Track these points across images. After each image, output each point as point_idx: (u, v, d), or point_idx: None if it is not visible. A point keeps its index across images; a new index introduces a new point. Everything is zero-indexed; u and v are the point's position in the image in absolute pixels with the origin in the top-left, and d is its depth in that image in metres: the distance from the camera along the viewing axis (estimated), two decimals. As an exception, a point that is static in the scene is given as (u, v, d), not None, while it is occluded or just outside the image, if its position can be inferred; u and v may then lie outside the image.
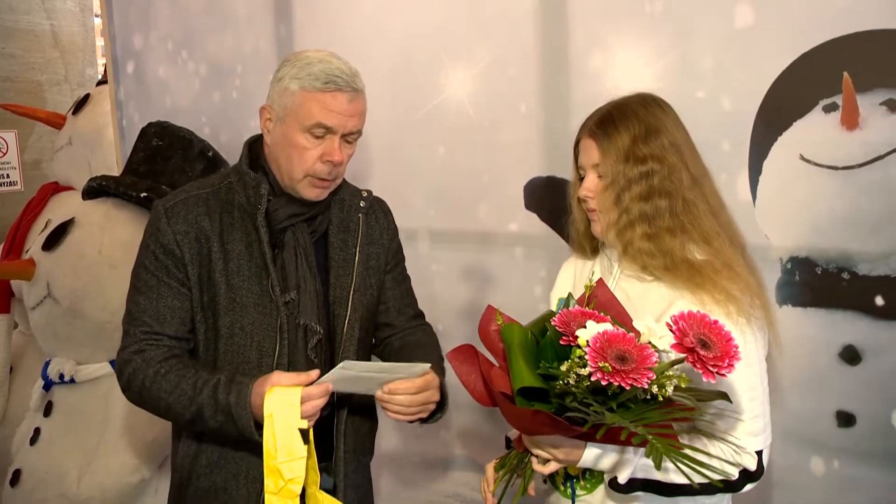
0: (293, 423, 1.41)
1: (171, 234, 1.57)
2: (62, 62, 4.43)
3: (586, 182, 1.47)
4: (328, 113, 1.53)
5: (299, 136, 1.54)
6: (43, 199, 3.32)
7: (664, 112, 1.45)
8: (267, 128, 1.61)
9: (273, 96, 1.58)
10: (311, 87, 1.52)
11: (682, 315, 1.16)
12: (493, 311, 1.41)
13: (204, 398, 1.49)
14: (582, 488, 1.46)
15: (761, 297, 1.40)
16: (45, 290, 2.81)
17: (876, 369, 1.69)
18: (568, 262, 1.69)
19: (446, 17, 2.22)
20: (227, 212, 1.61)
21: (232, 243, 1.59)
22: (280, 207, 1.60)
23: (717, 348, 1.13)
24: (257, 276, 1.58)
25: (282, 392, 1.43)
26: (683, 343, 1.13)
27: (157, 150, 2.82)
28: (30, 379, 3.11)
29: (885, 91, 1.63)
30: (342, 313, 1.65)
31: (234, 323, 1.57)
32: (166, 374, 1.53)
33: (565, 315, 1.25)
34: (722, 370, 1.12)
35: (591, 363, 1.14)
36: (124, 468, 2.72)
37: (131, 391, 1.60)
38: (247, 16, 2.62)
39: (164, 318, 1.58)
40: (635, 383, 1.11)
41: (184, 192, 1.64)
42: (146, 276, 1.59)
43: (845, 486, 1.76)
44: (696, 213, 1.40)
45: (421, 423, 1.63)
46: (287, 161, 1.57)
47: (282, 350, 1.57)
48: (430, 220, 2.33)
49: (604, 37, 1.97)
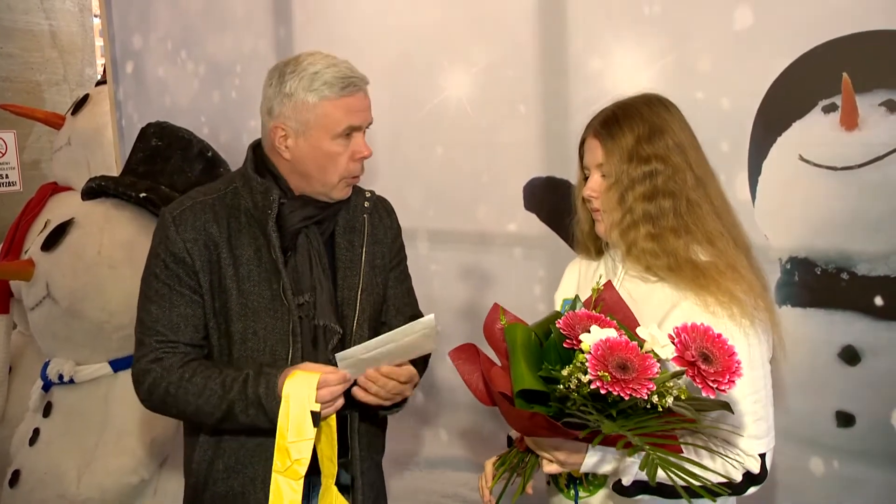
0: (306, 405, 1.46)
1: (180, 242, 1.58)
2: (61, 62, 4.43)
3: (590, 182, 1.47)
4: (354, 114, 1.56)
5: (330, 144, 1.56)
6: (42, 200, 3.32)
7: (669, 112, 1.45)
8: (285, 145, 1.59)
9: (285, 112, 1.56)
10: (331, 95, 1.54)
11: (685, 327, 1.15)
12: (499, 310, 1.41)
13: (234, 395, 1.52)
14: (585, 490, 1.46)
15: (765, 299, 1.40)
16: (44, 290, 2.81)
17: (875, 369, 1.69)
18: (573, 262, 1.68)
19: (445, 18, 2.22)
20: (235, 217, 1.61)
21: (240, 248, 1.59)
22: (294, 210, 1.61)
23: (718, 363, 1.12)
24: (267, 281, 1.59)
25: (301, 376, 1.49)
26: (684, 356, 1.13)
27: (156, 150, 2.82)
28: (29, 379, 3.11)
29: (885, 92, 1.63)
30: (351, 314, 1.66)
31: (247, 328, 1.58)
32: (191, 377, 1.55)
33: (571, 318, 1.25)
34: (722, 385, 1.11)
35: (591, 371, 1.13)
36: (123, 469, 2.72)
37: (152, 400, 1.61)
38: (246, 16, 2.62)
39: (178, 327, 1.59)
40: (634, 393, 1.11)
41: (190, 198, 1.65)
42: (157, 284, 1.60)
43: (845, 486, 1.76)
44: (699, 214, 1.40)
45: (381, 409, 1.66)
46: (321, 171, 1.58)
47: (295, 353, 1.58)
48: (429, 221, 2.33)
49: (603, 38, 1.97)
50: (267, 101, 1.60)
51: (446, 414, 2.40)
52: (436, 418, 2.43)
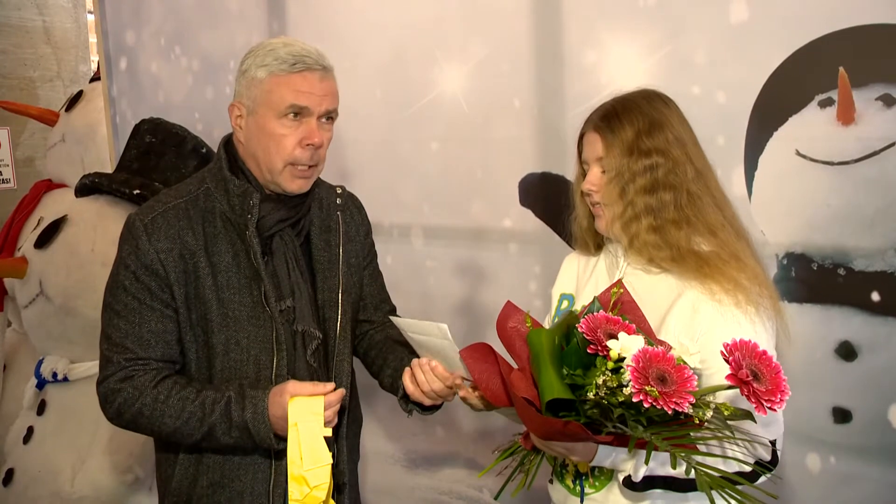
0: (318, 432, 1.42)
1: (153, 252, 1.48)
2: (55, 58, 4.40)
3: (590, 176, 1.47)
4: (301, 94, 1.46)
5: (274, 123, 1.47)
6: (36, 197, 3.31)
7: (668, 107, 1.46)
8: (238, 125, 1.53)
9: (240, 91, 1.52)
10: (279, 70, 1.46)
11: (735, 344, 1.14)
12: (513, 308, 1.40)
13: (216, 418, 1.45)
14: (591, 486, 1.46)
15: (768, 287, 1.41)
16: (38, 288, 2.80)
17: (872, 365, 1.69)
18: (570, 257, 1.67)
19: (439, 13, 2.21)
20: (209, 222, 1.52)
21: (218, 255, 1.51)
22: (268, 214, 1.53)
23: (767, 381, 1.11)
24: (248, 288, 1.51)
25: (305, 402, 1.43)
26: (739, 375, 1.11)
27: (150, 146, 2.81)
28: (23, 377, 3.10)
29: (881, 86, 1.62)
30: (333, 316, 1.60)
31: (230, 339, 1.51)
32: (167, 399, 1.47)
33: (591, 321, 1.23)
34: (774, 405, 1.10)
35: (635, 384, 1.12)
36: (118, 467, 2.72)
37: (122, 420, 1.52)
38: (239, 11, 2.61)
39: (149, 343, 1.49)
40: (678, 408, 1.10)
41: (160, 203, 1.54)
42: (126, 298, 1.50)
43: (842, 482, 1.76)
44: (700, 206, 1.41)
45: (421, 410, 1.63)
46: (265, 153, 1.49)
47: (280, 361, 1.52)
48: (424, 217, 2.32)
49: (598, 31, 1.96)
50: (235, 85, 1.55)
51: (443, 411, 2.39)
52: (433, 416, 2.42)
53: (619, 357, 1.18)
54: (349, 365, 1.65)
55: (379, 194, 2.32)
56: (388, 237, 2.33)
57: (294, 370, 1.55)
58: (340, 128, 1.57)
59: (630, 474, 1.35)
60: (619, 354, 1.18)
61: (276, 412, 1.44)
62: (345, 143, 2.37)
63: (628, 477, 1.35)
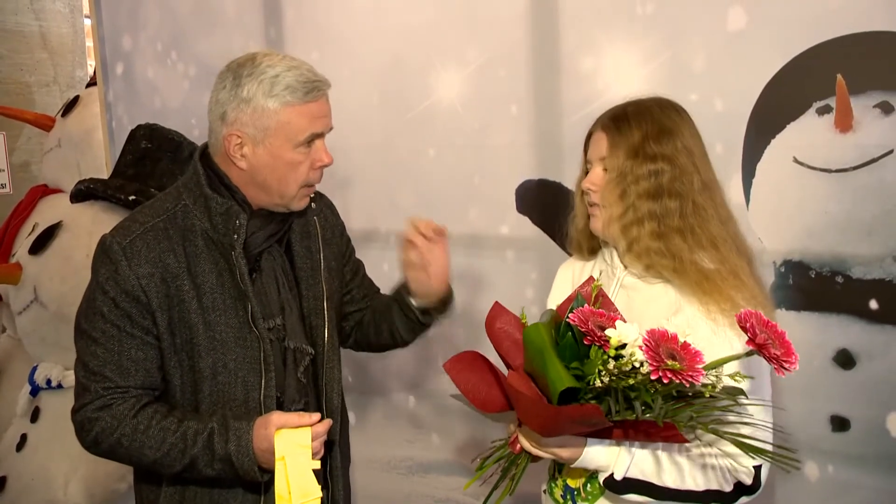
0: (306, 465, 1.39)
1: (133, 278, 1.41)
2: (51, 63, 4.39)
3: (591, 174, 1.46)
4: (317, 120, 1.45)
5: (292, 153, 1.44)
6: (31, 203, 3.30)
7: (680, 117, 1.45)
8: (240, 153, 1.44)
9: (241, 118, 1.42)
10: (294, 101, 1.41)
11: (747, 313, 1.19)
12: (501, 309, 1.41)
13: (198, 450, 1.41)
14: (582, 500, 1.45)
15: (766, 307, 1.39)
16: (32, 294, 2.80)
17: (870, 373, 1.68)
18: (565, 264, 1.66)
19: (437, 19, 2.21)
20: (190, 241, 1.46)
21: (202, 276, 1.45)
22: (256, 231, 1.49)
23: (778, 346, 1.17)
24: (233, 308, 1.46)
25: (292, 434, 1.39)
26: (757, 341, 1.17)
27: (145, 152, 2.80)
28: (17, 384, 3.08)
29: (879, 93, 1.62)
30: (320, 324, 1.57)
31: (217, 362, 1.45)
32: (147, 429, 1.42)
33: (581, 314, 1.25)
34: (792, 366, 1.16)
35: (652, 362, 1.16)
36: (111, 475, 2.70)
37: (99, 448, 1.47)
38: (236, 17, 2.61)
39: (129, 371, 1.43)
40: (694, 380, 1.15)
41: (137, 223, 1.46)
42: (103, 325, 1.42)
43: (839, 490, 1.75)
44: (705, 217, 1.39)
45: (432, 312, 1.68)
46: (280, 181, 1.45)
47: (268, 382, 1.48)
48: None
49: (595, 38, 1.96)
50: (219, 106, 1.45)
51: (438, 418, 2.39)
52: (428, 423, 2.42)
53: (619, 344, 1.20)
54: (338, 372, 1.63)
55: (376, 200, 2.32)
56: (385, 244, 2.32)
57: (282, 388, 1.52)
58: (337, 134, 1.56)
59: (613, 472, 1.34)
60: (619, 341, 1.20)
61: (260, 445, 1.39)
62: (342, 150, 2.35)
63: (611, 475, 1.35)
